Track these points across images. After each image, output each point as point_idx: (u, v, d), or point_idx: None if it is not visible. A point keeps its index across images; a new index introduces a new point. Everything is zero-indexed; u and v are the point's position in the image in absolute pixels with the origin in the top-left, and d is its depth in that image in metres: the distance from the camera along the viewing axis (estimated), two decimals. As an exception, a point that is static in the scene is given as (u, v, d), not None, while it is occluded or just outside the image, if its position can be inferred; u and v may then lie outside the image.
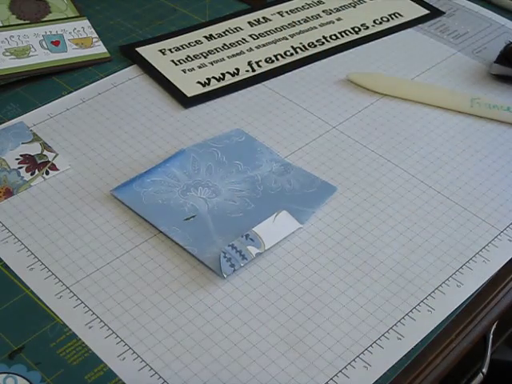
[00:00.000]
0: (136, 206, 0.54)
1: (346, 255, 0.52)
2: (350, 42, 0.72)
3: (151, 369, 0.45)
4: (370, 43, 0.72)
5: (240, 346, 0.46)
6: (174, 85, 0.66)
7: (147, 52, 0.69)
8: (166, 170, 0.57)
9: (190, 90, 0.65)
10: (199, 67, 0.68)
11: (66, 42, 0.69)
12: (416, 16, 0.76)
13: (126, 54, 0.69)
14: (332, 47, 0.71)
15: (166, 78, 0.66)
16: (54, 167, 0.57)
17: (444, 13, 0.77)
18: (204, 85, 0.66)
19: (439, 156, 0.60)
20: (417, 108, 0.65)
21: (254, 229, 0.52)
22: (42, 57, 0.67)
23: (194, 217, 0.54)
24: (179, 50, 0.70)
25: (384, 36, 0.73)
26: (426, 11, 0.77)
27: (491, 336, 0.53)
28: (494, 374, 0.54)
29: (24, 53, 0.67)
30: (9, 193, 0.55)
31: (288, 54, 0.70)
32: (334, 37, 0.73)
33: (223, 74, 0.67)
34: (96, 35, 0.71)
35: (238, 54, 0.70)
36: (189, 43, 0.71)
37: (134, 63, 0.68)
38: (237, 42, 0.71)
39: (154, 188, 0.56)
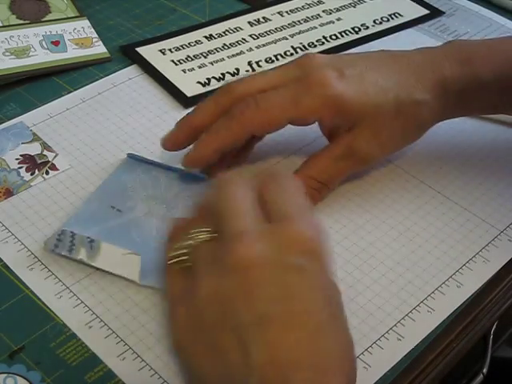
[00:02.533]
0: None
1: (346, 255, 0.52)
2: (349, 41, 0.72)
3: (151, 369, 0.45)
4: (370, 43, 0.72)
5: (240, 346, 0.46)
6: (174, 85, 0.66)
7: (147, 52, 0.69)
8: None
9: (190, 89, 0.65)
10: (199, 67, 0.68)
11: (65, 41, 0.69)
12: (416, 16, 0.76)
13: (126, 54, 0.69)
14: (332, 47, 0.71)
15: (166, 78, 0.66)
16: (54, 167, 0.57)
17: (444, 13, 0.77)
18: (204, 85, 0.66)
19: (439, 156, 0.60)
20: (417, 108, 0.65)
21: (103, 243, 0.50)
22: (42, 57, 0.67)
23: None
24: (179, 49, 0.70)
25: (384, 36, 0.73)
26: (426, 11, 0.77)
27: (491, 336, 0.53)
28: (494, 372, 0.54)
29: (24, 53, 0.67)
30: (9, 193, 0.55)
31: (288, 54, 0.70)
32: (333, 37, 0.73)
33: (223, 74, 0.67)
34: (96, 35, 0.71)
35: (237, 54, 0.70)
36: (189, 43, 0.71)
37: (134, 63, 0.68)
38: (237, 41, 0.71)
39: None
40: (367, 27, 0.74)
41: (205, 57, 0.69)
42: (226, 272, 0.36)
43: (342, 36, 0.73)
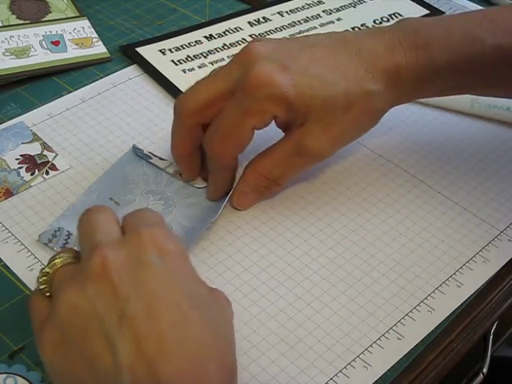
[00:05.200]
0: None
1: (346, 255, 0.52)
2: (350, 41, 0.72)
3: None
4: (370, 43, 0.72)
5: (240, 346, 0.46)
6: (173, 85, 0.66)
7: (147, 52, 0.69)
8: None
9: (190, 90, 0.65)
10: (199, 67, 0.68)
11: (65, 41, 0.69)
12: (416, 16, 0.76)
13: (126, 54, 0.69)
14: (332, 47, 0.71)
15: (166, 78, 0.66)
16: (54, 167, 0.57)
17: (444, 13, 0.77)
18: (204, 85, 0.66)
19: (439, 156, 0.60)
20: (417, 108, 0.65)
21: None
22: (41, 57, 0.67)
23: None
24: (179, 49, 0.70)
25: (384, 36, 0.73)
26: (426, 11, 0.77)
27: (491, 336, 0.53)
28: (494, 372, 0.54)
29: (24, 53, 0.67)
30: (9, 193, 0.55)
31: (288, 53, 0.70)
32: (334, 37, 0.73)
33: (223, 74, 0.67)
34: (96, 35, 0.71)
35: (238, 54, 0.70)
36: (189, 43, 0.71)
37: (134, 63, 0.68)
38: (237, 42, 0.71)
39: None
40: (367, 27, 0.74)
41: (205, 57, 0.69)
42: (84, 282, 0.38)
43: (342, 36, 0.73)
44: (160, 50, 0.70)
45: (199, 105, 0.51)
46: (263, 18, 0.75)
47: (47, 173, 0.57)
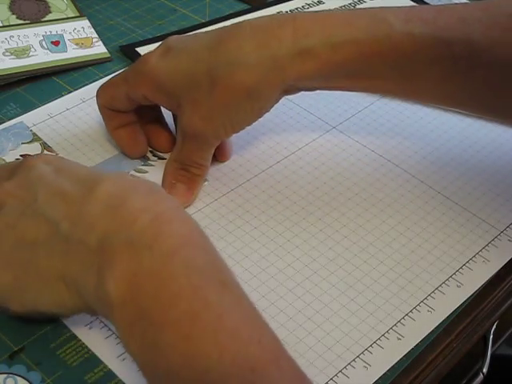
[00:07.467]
0: None
1: (346, 255, 0.52)
2: (349, 41, 0.72)
3: (151, 369, 0.45)
4: (370, 43, 0.72)
5: (240, 346, 0.46)
6: (173, 85, 0.66)
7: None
8: None
9: (190, 90, 0.65)
10: (199, 67, 0.68)
11: (65, 41, 0.69)
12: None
13: (126, 54, 0.69)
14: (332, 47, 0.71)
15: (166, 78, 0.66)
16: (54, 167, 0.57)
17: (444, 13, 0.77)
18: (204, 85, 0.66)
19: (439, 156, 0.60)
20: (417, 108, 0.65)
21: None
22: (42, 57, 0.67)
23: None
24: (179, 49, 0.70)
25: (384, 36, 0.73)
26: (426, 11, 0.77)
27: (491, 336, 0.53)
28: (494, 372, 0.54)
29: (24, 53, 0.67)
30: (9, 193, 0.55)
31: (288, 53, 0.70)
32: (333, 37, 0.72)
33: (223, 74, 0.67)
34: (96, 35, 0.71)
35: (237, 54, 0.69)
36: (189, 43, 0.71)
37: (134, 63, 0.68)
38: (237, 41, 0.71)
39: None
40: (367, 27, 0.74)
41: (205, 57, 0.69)
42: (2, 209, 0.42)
43: (342, 36, 0.73)
44: (160, 50, 0.70)
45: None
46: (263, 17, 0.75)
47: (47, 173, 0.57)
